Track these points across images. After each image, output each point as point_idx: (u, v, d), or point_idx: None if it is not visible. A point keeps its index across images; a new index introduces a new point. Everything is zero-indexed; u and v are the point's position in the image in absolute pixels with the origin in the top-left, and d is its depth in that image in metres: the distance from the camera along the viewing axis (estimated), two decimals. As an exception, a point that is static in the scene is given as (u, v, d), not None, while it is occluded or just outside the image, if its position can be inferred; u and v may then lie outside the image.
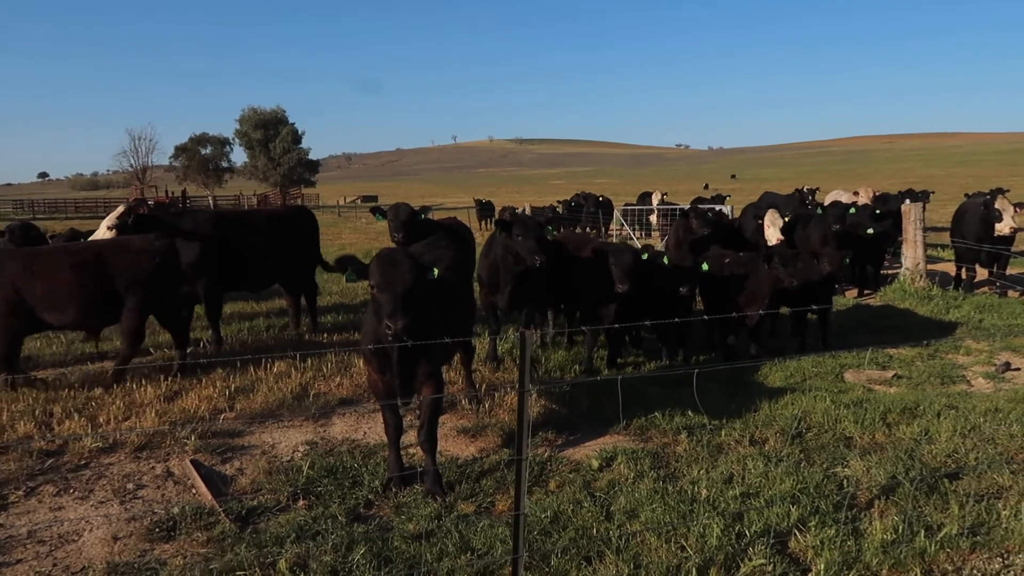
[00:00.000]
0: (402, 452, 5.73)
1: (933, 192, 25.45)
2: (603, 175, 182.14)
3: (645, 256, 8.99)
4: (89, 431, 6.29)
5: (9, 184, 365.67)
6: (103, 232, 8.97)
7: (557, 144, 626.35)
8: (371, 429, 6.76)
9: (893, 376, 8.81)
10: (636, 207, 25.32)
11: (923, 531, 4.53)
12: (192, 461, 5.89)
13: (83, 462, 5.89)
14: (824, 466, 5.66)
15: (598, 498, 5.11)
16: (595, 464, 5.78)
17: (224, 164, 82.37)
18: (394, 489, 5.40)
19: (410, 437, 6.08)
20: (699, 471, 5.54)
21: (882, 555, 4.31)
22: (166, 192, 65.31)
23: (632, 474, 5.52)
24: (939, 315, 12.12)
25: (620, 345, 9.63)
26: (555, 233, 8.71)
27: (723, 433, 6.41)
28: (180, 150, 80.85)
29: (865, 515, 4.82)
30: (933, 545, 4.39)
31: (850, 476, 5.43)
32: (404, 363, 5.23)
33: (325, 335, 10.07)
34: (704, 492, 5.05)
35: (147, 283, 7.95)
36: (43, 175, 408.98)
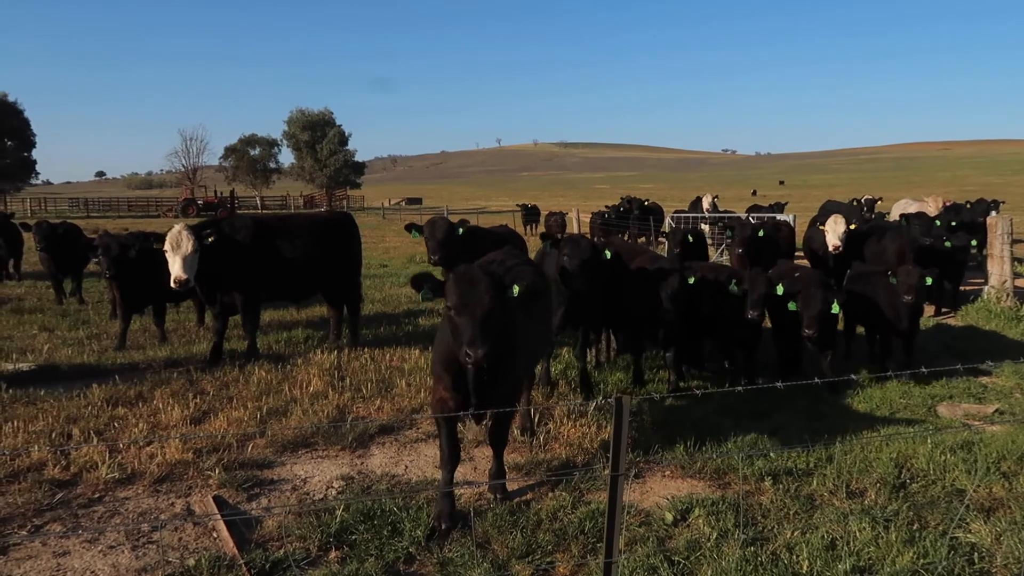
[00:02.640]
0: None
1: (1004, 202, 24.03)
2: (648, 180, 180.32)
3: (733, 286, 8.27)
4: (107, 459, 5.73)
5: (68, 183, 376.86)
6: (190, 252, 8.26)
7: (601, 148, 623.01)
8: (413, 463, 6.10)
9: (994, 412, 7.86)
10: (688, 214, 24.29)
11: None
12: (215, 498, 5.29)
13: (97, 495, 5.33)
14: (940, 528, 4.82)
15: (677, 565, 4.35)
16: (669, 517, 5.02)
17: (272, 165, 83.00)
18: (443, 525, 4.90)
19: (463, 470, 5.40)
20: (793, 531, 4.74)
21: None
22: (215, 192, 66.03)
23: (714, 533, 4.74)
24: (1031, 338, 11.06)
25: (681, 368, 8.88)
26: (608, 253, 7.95)
27: (814, 481, 5.58)
28: (230, 151, 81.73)
29: (1006, 600, 3.99)
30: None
31: (977, 545, 4.58)
32: (482, 386, 4.93)
33: (366, 350, 9.45)
34: (805, 564, 4.25)
35: None
36: (100, 174, 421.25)
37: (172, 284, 8.15)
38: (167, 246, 8.20)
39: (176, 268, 8.13)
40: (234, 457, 5.95)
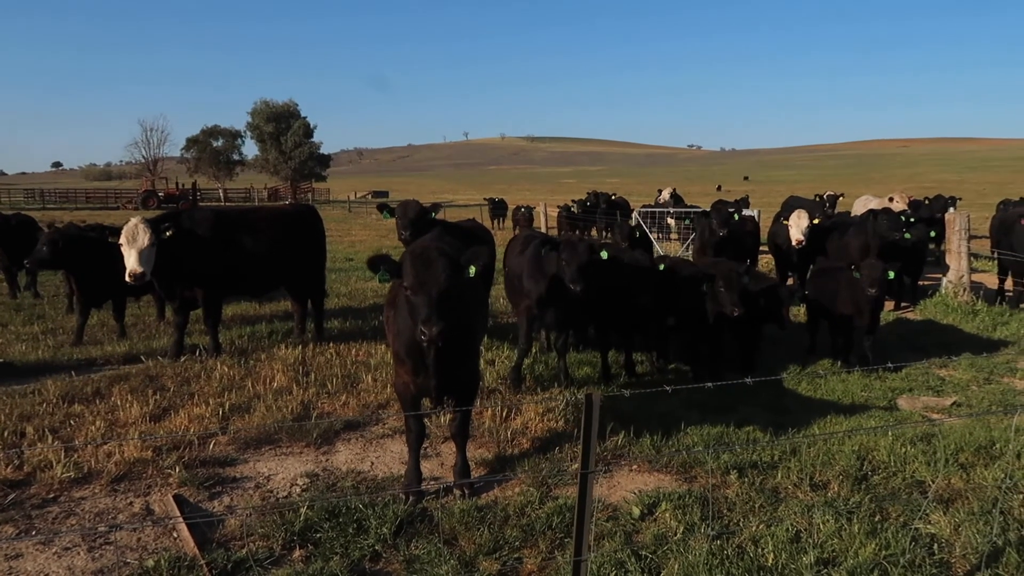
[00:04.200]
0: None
1: (960, 199, 24.55)
2: (614, 174, 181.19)
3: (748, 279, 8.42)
4: (62, 458, 5.56)
5: (23, 173, 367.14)
6: (146, 246, 8.03)
7: (568, 143, 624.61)
8: (379, 459, 6.03)
9: (952, 404, 8.02)
10: (655, 208, 24.44)
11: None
12: (176, 497, 5.17)
13: (51, 495, 5.17)
14: (901, 520, 4.89)
15: (644, 559, 4.35)
16: (636, 511, 5.02)
17: (235, 157, 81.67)
18: (410, 499, 5.15)
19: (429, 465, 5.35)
20: (758, 524, 4.77)
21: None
22: (177, 184, 64.74)
23: (680, 527, 4.75)
24: (986, 332, 11.32)
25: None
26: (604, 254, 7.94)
27: (778, 474, 5.63)
28: (192, 142, 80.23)
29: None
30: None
31: (937, 535, 4.65)
32: (441, 365, 5.00)
33: (331, 345, 9.33)
34: (771, 557, 4.28)
35: None
36: (57, 164, 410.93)
37: (127, 278, 7.95)
38: (122, 239, 7.99)
39: (131, 262, 7.94)
40: (195, 455, 5.82)
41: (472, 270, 4.83)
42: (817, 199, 25.59)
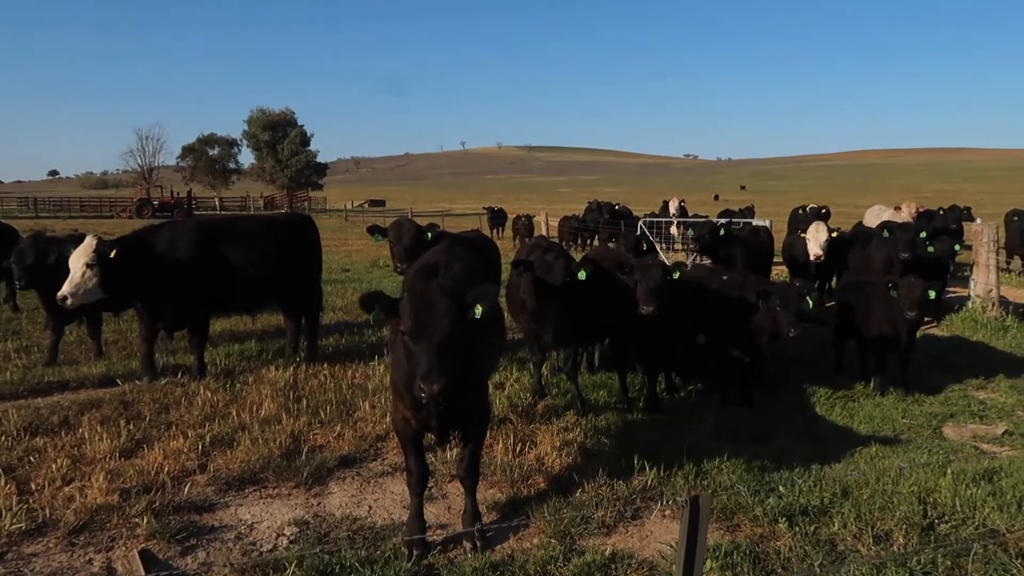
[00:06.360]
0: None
1: (971, 208, 23.97)
2: (611, 183, 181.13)
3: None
4: (13, 504, 4.85)
5: (19, 181, 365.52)
6: (79, 269, 7.42)
7: (565, 152, 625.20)
8: (378, 502, 5.33)
9: (1004, 433, 7.34)
10: (659, 218, 23.80)
11: None
12: (142, 552, 4.46)
13: (-3, 552, 4.47)
14: (985, 582, 4.21)
15: (695, 638, 3.65)
16: (676, 570, 4.32)
17: (231, 165, 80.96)
18: (414, 552, 4.52)
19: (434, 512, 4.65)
20: (823, 589, 4.08)
21: None
22: (171, 192, 63.99)
23: (732, 592, 4.07)
24: (1020, 350, 10.67)
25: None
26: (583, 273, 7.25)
27: (834, 522, 4.94)
28: (187, 150, 79.52)
29: None
30: None
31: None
32: (444, 411, 4.43)
33: (325, 365, 8.62)
34: (849, 638, 3.59)
35: None
36: (53, 173, 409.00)
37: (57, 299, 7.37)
38: (72, 258, 7.41)
39: (64, 286, 7.33)
40: (168, 499, 5.10)
41: (479, 310, 4.18)
42: (801, 212, 24.51)
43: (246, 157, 79.09)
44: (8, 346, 9.61)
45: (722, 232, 12.35)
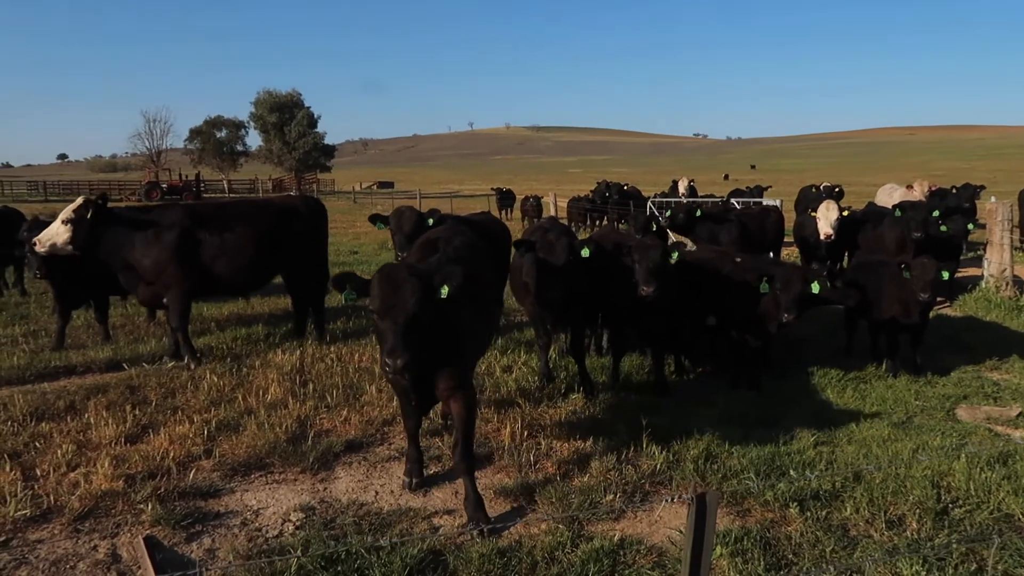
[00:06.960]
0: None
1: (984, 187, 23.64)
2: (621, 164, 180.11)
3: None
4: (18, 490, 4.83)
5: (29, 165, 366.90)
6: (58, 227, 7.56)
7: (573, 132, 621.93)
8: (384, 487, 5.29)
9: (1018, 415, 7.24)
10: (669, 198, 23.58)
11: None
12: (147, 539, 4.43)
13: (2, 538, 4.45)
14: (1001, 568, 4.14)
15: (705, 626, 3.60)
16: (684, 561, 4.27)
17: (239, 148, 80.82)
18: (412, 480, 5.24)
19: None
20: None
21: None
22: (180, 175, 64.05)
23: (742, 578, 4.01)
24: (1035, 330, 10.52)
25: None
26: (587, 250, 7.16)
27: (846, 507, 4.87)
28: (195, 133, 79.43)
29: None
30: None
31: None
32: (420, 386, 4.73)
33: (332, 349, 8.58)
34: (862, 627, 3.53)
35: None
36: (62, 156, 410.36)
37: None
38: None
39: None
40: (174, 485, 5.08)
41: (445, 291, 4.38)
42: (813, 191, 24.31)
43: (254, 139, 79.06)
44: (16, 331, 9.62)
45: (698, 214, 12.26)
